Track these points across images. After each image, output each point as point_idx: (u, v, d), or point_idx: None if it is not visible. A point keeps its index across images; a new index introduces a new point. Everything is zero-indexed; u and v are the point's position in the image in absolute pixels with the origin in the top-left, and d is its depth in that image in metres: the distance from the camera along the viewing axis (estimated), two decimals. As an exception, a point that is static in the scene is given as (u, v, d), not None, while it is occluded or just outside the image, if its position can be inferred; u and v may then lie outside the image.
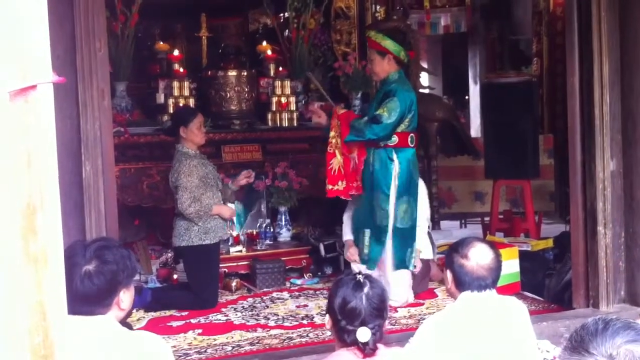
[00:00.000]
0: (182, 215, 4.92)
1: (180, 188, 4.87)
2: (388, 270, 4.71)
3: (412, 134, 4.74)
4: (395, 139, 4.67)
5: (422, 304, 4.85)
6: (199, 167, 4.96)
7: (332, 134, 4.77)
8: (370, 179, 4.73)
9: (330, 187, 4.77)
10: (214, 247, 5.02)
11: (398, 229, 4.72)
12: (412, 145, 4.76)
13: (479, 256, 2.61)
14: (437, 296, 5.04)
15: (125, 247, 2.29)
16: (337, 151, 4.75)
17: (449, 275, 2.68)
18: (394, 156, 4.67)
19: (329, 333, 4.12)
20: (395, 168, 4.68)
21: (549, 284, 4.80)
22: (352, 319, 2.22)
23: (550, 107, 7.94)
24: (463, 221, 8.01)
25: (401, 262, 4.76)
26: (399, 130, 4.66)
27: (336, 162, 4.74)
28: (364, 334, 2.19)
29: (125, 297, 2.12)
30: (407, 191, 4.74)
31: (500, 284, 2.73)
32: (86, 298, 2.01)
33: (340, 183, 4.75)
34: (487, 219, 6.67)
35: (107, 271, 2.05)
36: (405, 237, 4.77)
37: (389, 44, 4.73)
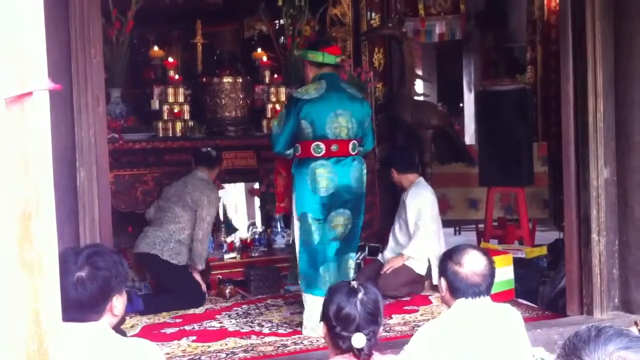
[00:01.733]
0: (163, 230, 5.01)
1: (205, 219, 5.06)
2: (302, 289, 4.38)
3: (317, 142, 4.21)
4: (298, 148, 4.30)
5: (417, 311, 4.85)
6: None
7: None
8: None
9: (277, 204, 4.76)
10: (182, 267, 5.08)
11: (303, 247, 4.30)
12: (320, 155, 4.22)
13: (472, 263, 2.63)
14: (431, 303, 5.04)
15: (117, 253, 2.29)
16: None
17: (443, 282, 2.69)
18: (294, 168, 4.32)
19: (323, 340, 4.13)
20: (293, 182, 4.33)
21: (543, 291, 4.80)
22: (347, 325, 2.22)
23: (545, 114, 7.96)
24: (457, 228, 8.02)
25: (307, 285, 4.31)
26: (301, 138, 4.26)
27: (280, 178, 4.67)
28: (359, 340, 2.19)
29: (118, 303, 2.11)
30: (306, 207, 4.25)
31: (494, 291, 2.74)
32: (79, 304, 2.00)
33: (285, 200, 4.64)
34: (481, 226, 6.67)
35: (99, 277, 2.05)
36: (311, 257, 4.29)
37: (299, 53, 4.63)
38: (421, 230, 5.28)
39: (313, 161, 4.23)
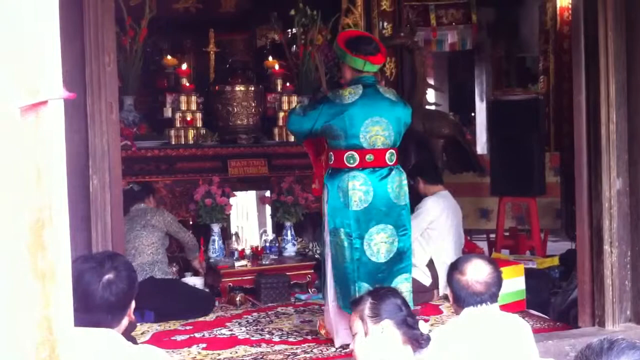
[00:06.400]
0: (142, 257, 5.17)
1: (181, 228, 5.53)
2: (329, 307, 4.18)
3: (351, 152, 3.97)
4: (331, 157, 4.08)
5: (427, 320, 4.81)
6: None
7: None
8: None
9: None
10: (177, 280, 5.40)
11: (334, 265, 4.07)
12: (354, 166, 3.97)
13: (475, 271, 2.65)
14: (442, 312, 5.03)
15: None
16: None
17: (449, 292, 2.74)
18: (327, 178, 4.09)
19: (333, 349, 4.14)
20: (325, 193, 4.08)
21: (555, 302, 4.78)
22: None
23: (557, 124, 7.93)
24: (468, 238, 7.97)
25: (347, 306, 3.90)
26: (334, 147, 4.05)
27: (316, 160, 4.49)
28: (424, 326, 2.37)
29: (132, 307, 2.18)
30: (338, 221, 4.00)
31: (505, 301, 2.75)
32: (108, 306, 2.06)
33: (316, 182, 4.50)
34: (492, 235, 6.65)
35: (126, 278, 2.11)
36: (343, 275, 4.04)
37: (339, 51, 4.22)
38: None
39: (346, 172, 3.97)
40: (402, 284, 4.04)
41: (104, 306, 2.04)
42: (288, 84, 6.81)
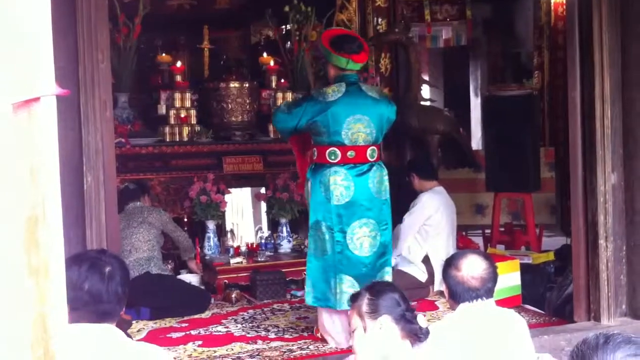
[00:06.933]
0: (138, 253, 5.14)
1: (177, 227, 5.62)
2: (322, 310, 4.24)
3: (332, 148, 4.04)
4: (315, 153, 4.15)
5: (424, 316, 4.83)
6: None
7: None
8: None
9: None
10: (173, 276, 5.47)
11: (314, 257, 4.18)
12: (336, 162, 4.04)
13: (470, 267, 2.65)
14: (437, 308, 5.03)
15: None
16: None
17: (444, 287, 2.74)
18: (310, 173, 4.17)
19: (329, 345, 4.14)
20: (308, 187, 4.17)
21: (550, 297, 4.79)
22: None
23: (552, 120, 7.94)
24: (464, 233, 7.99)
25: (316, 298, 4.19)
26: (317, 143, 4.11)
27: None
28: (423, 320, 2.37)
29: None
30: (319, 215, 4.09)
31: (501, 296, 2.75)
32: (117, 296, 2.07)
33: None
34: (488, 231, 6.66)
35: (120, 267, 2.13)
36: (323, 268, 4.13)
37: (323, 50, 4.29)
38: (397, 228, 5.30)
39: (328, 168, 4.05)
40: (386, 276, 4.16)
41: (113, 297, 2.06)
42: (283, 80, 6.81)
